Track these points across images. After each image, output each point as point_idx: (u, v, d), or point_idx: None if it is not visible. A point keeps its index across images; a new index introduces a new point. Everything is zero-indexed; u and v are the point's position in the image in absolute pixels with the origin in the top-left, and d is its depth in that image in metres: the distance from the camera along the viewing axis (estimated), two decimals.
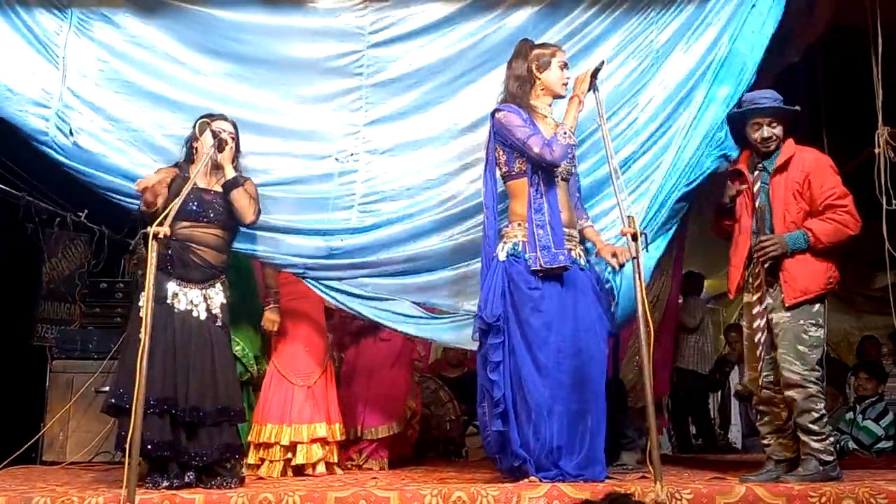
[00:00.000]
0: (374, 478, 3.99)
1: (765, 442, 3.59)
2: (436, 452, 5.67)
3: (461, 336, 3.88)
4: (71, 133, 3.86)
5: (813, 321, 3.44)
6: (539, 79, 3.59)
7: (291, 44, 4.01)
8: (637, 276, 3.13)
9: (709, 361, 7.02)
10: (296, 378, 4.31)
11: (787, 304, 3.42)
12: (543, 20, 4.00)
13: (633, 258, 3.17)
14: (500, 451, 3.47)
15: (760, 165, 3.61)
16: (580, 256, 3.54)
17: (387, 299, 3.92)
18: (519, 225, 3.50)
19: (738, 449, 7.20)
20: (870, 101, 3.95)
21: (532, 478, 3.28)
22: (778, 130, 3.56)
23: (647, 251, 3.63)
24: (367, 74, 4.00)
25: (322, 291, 3.98)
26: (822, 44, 4.43)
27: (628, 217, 3.21)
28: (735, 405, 7.66)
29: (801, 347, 3.40)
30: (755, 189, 3.59)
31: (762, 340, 3.50)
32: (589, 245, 3.71)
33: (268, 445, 4.22)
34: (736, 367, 7.22)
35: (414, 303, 3.95)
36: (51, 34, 3.96)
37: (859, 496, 2.96)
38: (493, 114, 3.58)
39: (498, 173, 3.63)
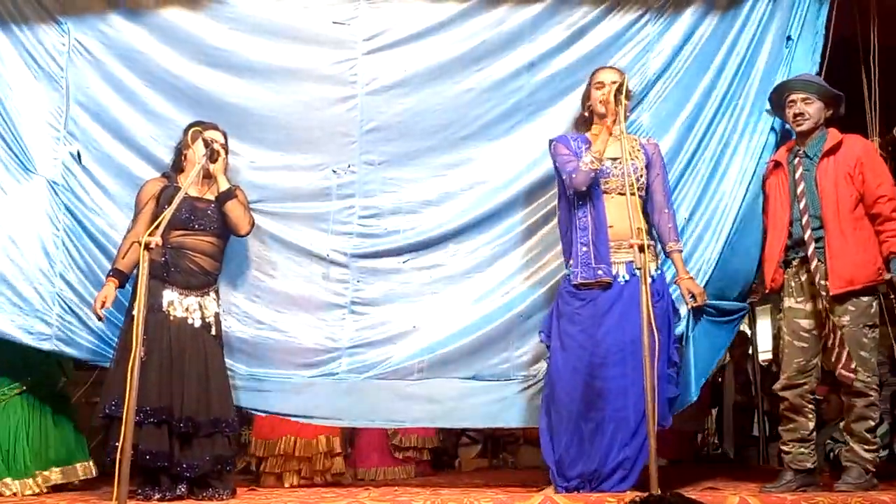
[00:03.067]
0: (367, 488, 3.97)
1: (785, 449, 3.51)
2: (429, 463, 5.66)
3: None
4: (79, 157, 3.88)
5: (871, 323, 3.38)
6: (590, 100, 3.66)
7: (284, 52, 3.94)
8: (644, 287, 3.10)
9: None
10: None
11: (831, 294, 3.35)
12: (542, 23, 3.97)
13: (639, 269, 3.15)
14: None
15: (801, 152, 3.55)
16: (638, 268, 3.39)
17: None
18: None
19: (732, 459, 7.18)
20: (861, 111, 3.96)
21: (550, 487, 3.33)
22: (812, 109, 3.51)
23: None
24: (362, 83, 3.96)
25: None
26: None
27: (637, 228, 3.20)
28: (730, 414, 7.64)
29: (863, 353, 3.34)
30: (796, 176, 3.52)
31: (830, 344, 3.40)
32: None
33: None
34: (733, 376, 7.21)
35: None
36: (55, 57, 3.94)
37: None
38: (549, 142, 3.67)
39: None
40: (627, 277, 3.44)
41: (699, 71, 3.93)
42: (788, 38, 3.85)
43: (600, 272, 3.42)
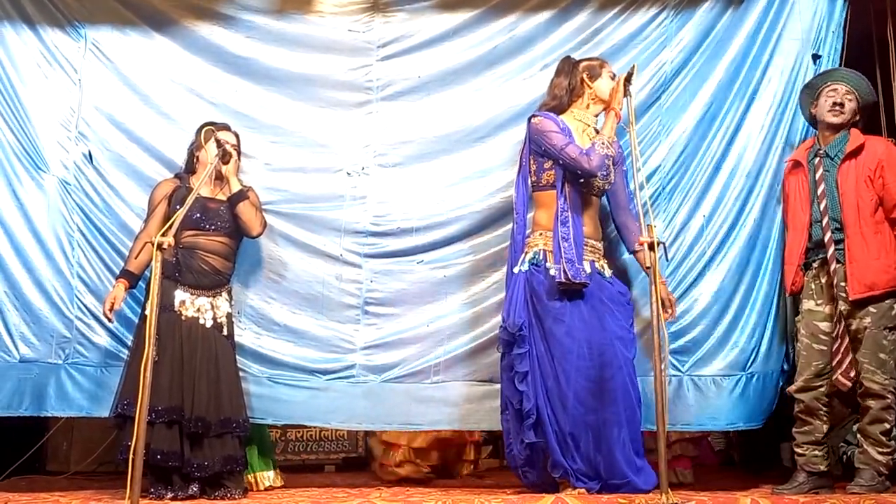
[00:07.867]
0: (379, 488, 3.98)
1: (798, 451, 3.48)
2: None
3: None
4: (90, 157, 3.93)
5: (891, 325, 3.35)
6: (591, 87, 3.57)
7: (301, 59, 4.05)
8: (653, 287, 3.06)
9: None
10: None
11: (850, 299, 3.33)
12: (553, 28, 4.01)
13: (648, 268, 3.10)
14: (527, 464, 3.40)
15: (822, 152, 3.51)
16: (604, 268, 3.50)
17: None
18: (541, 234, 3.47)
19: (741, 461, 7.14)
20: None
21: (576, 488, 3.27)
22: (850, 107, 3.48)
23: (668, 261, 3.65)
24: (377, 88, 4.04)
25: None
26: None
27: (647, 226, 3.16)
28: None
29: (881, 355, 3.32)
30: (816, 176, 3.49)
31: (835, 349, 3.38)
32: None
33: None
34: None
35: None
36: (70, 58, 4.02)
37: None
38: (529, 119, 3.57)
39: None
40: (590, 273, 3.41)
41: (715, 67, 3.92)
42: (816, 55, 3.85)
43: (583, 273, 3.34)
